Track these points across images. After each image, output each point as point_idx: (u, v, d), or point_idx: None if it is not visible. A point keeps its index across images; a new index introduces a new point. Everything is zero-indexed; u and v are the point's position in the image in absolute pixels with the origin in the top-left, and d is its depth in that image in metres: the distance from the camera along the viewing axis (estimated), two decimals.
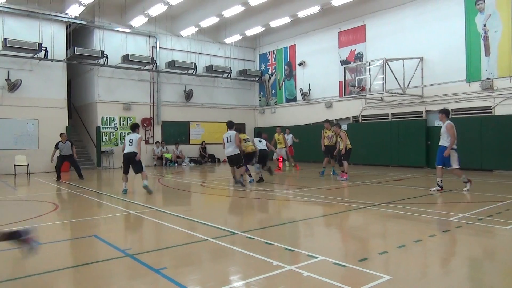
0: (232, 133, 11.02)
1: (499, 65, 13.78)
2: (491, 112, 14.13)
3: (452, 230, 5.54)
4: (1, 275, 4.05)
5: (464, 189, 9.27)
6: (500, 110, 13.87)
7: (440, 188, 9.30)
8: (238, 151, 10.98)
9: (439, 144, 9.46)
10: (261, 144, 12.39)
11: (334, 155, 13.16)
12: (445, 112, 9.53)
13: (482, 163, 14.08)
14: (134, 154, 9.79)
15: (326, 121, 14.13)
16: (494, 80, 13.88)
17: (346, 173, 12.09)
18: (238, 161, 11.04)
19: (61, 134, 13.94)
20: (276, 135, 16.13)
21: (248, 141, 11.96)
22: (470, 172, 13.62)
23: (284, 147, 16.10)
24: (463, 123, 14.10)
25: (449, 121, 9.30)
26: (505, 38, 13.58)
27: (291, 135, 17.26)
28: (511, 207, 7.20)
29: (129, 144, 9.86)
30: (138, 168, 9.93)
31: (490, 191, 9.52)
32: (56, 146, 13.54)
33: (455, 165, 9.20)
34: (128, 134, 11.20)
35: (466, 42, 14.56)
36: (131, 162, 9.81)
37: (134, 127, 10.28)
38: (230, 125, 11.41)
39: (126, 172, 9.97)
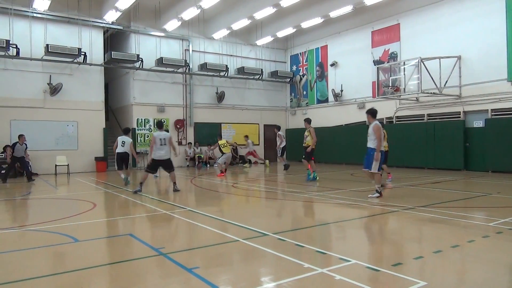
0: (167, 134, 10.33)
1: None
2: None
3: (492, 236, 5.30)
4: (42, 270, 4.25)
5: (370, 195, 8.69)
6: None
7: (379, 195, 8.59)
8: (169, 155, 10.34)
9: (367, 146, 8.71)
10: (122, 147, 11.96)
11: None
12: (371, 113, 8.91)
13: None
14: (126, 154, 12.09)
15: (306, 120, 12.68)
16: None
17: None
18: (170, 165, 10.42)
19: (19, 136, 13.92)
20: (220, 141, 15.54)
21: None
22: (510, 175, 13.03)
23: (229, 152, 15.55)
24: (503, 124, 13.52)
25: (376, 122, 8.69)
26: None
27: (250, 141, 19.20)
28: None
29: (122, 145, 11.99)
30: (126, 165, 12.31)
31: None
32: (13, 147, 13.76)
33: (374, 168, 8.48)
34: (121, 136, 12.62)
35: (507, 39, 13.90)
36: (123, 160, 12.11)
37: (127, 131, 12.48)
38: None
39: (120, 168, 12.24)
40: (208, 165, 20.26)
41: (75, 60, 17.27)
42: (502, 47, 14.03)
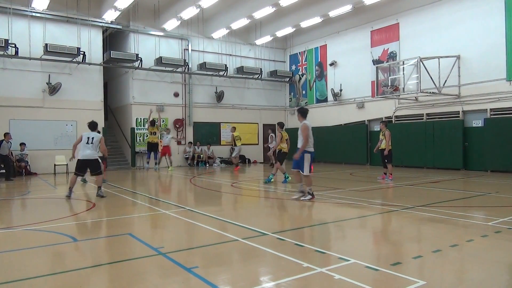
0: (97, 135, 9.31)
1: None
2: None
3: (491, 235, 5.31)
4: (41, 269, 4.25)
5: (294, 197, 8.53)
6: None
7: (311, 197, 8.36)
8: (96, 156, 9.33)
9: (297, 146, 8.45)
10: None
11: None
12: (300, 112, 8.63)
13: None
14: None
15: (279, 123, 12.25)
16: None
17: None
18: (97, 167, 9.39)
19: (5, 134, 14.12)
20: (234, 133, 17.11)
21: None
22: (511, 175, 13.04)
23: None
24: (502, 123, 13.53)
25: (305, 121, 8.37)
26: None
27: (170, 136, 17.76)
28: None
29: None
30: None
31: None
32: None
33: (306, 171, 8.25)
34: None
35: (506, 39, 13.92)
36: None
37: (94, 126, 9.52)
38: (93, 126, 9.46)
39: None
40: (208, 165, 20.26)
41: (74, 60, 17.24)
42: (501, 46, 14.04)
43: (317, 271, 3.95)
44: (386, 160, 11.97)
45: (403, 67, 15.87)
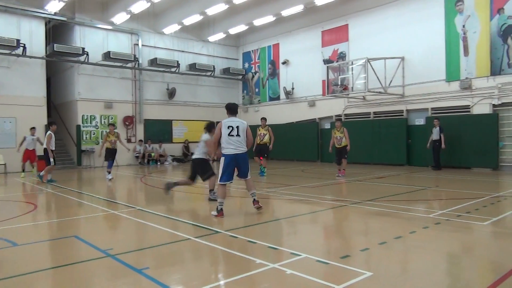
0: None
1: (477, 65, 14.11)
2: (469, 111, 14.46)
3: (431, 227, 5.64)
4: None
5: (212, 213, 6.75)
6: (478, 109, 14.21)
7: (217, 214, 6.60)
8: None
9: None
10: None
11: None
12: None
13: (461, 161, 14.41)
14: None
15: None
16: (473, 80, 14.21)
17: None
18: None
19: None
20: None
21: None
22: (449, 170, 13.96)
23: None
24: (442, 122, 14.41)
25: (222, 121, 7.12)
26: (483, 38, 13.91)
27: (35, 137, 13.73)
28: (488, 204, 7.39)
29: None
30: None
31: (468, 188, 9.75)
32: None
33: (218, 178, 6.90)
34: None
35: (446, 42, 14.86)
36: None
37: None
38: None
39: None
40: (159, 163, 19.82)
41: (13, 52, 16.15)
42: (441, 49, 14.96)
43: (270, 267, 4.00)
44: (345, 156, 12.38)
45: (352, 67, 16.43)
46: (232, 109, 7.21)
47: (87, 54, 17.78)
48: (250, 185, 7.02)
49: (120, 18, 18.16)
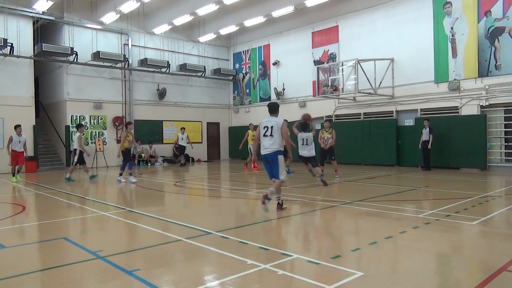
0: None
1: (465, 66, 14.30)
2: (458, 112, 14.64)
3: (421, 227, 5.70)
4: None
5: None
6: (466, 110, 14.39)
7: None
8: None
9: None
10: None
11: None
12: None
13: (450, 161, 14.57)
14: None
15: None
16: (461, 81, 14.39)
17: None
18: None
19: None
20: (250, 132, 15.86)
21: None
22: (439, 170, 14.11)
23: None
24: (431, 123, 14.56)
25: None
26: (470, 40, 14.10)
27: (21, 138, 13.04)
28: (477, 204, 7.49)
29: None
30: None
31: (457, 188, 9.86)
32: None
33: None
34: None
35: (434, 44, 15.02)
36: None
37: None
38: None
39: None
40: (149, 164, 19.70)
41: (1, 52, 15.92)
42: (430, 51, 15.12)
43: (261, 267, 3.99)
44: (333, 158, 12.33)
45: (342, 68, 16.54)
46: (271, 109, 7.15)
47: (76, 54, 17.60)
48: (276, 188, 6.81)
49: (109, 17, 18.01)
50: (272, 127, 6.79)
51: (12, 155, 12.81)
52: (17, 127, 12.97)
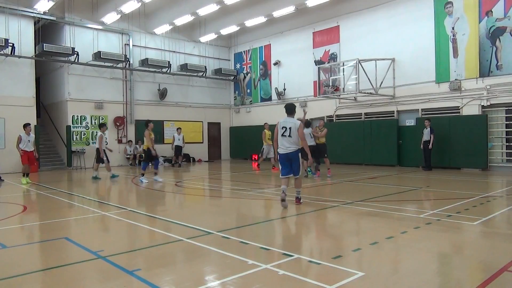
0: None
1: (466, 66, 14.28)
2: (459, 112, 14.62)
3: (422, 227, 5.69)
4: None
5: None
6: (467, 110, 14.38)
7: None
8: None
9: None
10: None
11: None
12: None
13: (451, 161, 14.56)
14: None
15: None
16: (462, 81, 14.37)
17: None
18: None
19: None
20: (267, 131, 15.59)
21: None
22: (440, 170, 14.10)
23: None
24: (432, 123, 14.55)
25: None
26: (472, 40, 14.08)
27: (30, 137, 12.85)
28: (478, 204, 7.48)
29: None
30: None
31: (458, 188, 9.85)
32: None
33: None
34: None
35: (435, 44, 15.01)
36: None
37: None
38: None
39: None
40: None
41: (2, 52, 15.94)
42: (431, 51, 15.11)
43: (262, 267, 3.99)
44: (326, 155, 12.35)
45: (343, 68, 16.54)
46: (288, 110, 7.70)
47: (77, 54, 17.62)
48: (297, 183, 7.61)
49: (110, 18, 18.02)
50: (290, 128, 7.36)
51: (23, 156, 12.42)
52: (26, 125, 12.60)
